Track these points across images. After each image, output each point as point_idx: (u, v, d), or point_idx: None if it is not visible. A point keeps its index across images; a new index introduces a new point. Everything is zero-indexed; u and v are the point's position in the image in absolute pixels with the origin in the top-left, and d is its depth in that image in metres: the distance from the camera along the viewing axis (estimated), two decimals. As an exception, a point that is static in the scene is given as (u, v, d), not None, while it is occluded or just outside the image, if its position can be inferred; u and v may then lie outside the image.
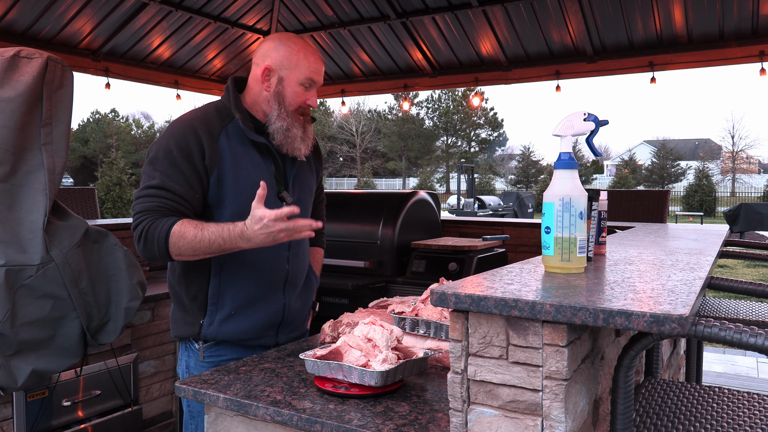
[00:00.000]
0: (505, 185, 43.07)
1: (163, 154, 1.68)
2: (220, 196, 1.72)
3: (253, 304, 1.79)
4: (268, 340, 1.84)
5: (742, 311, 2.35)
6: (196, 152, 1.68)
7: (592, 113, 1.30)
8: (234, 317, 1.77)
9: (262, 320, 1.81)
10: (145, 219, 1.64)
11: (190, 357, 1.82)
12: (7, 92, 1.95)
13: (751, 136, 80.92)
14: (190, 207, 1.69)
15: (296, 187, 1.87)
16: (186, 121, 1.73)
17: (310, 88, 1.79)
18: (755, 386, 4.46)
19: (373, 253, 3.50)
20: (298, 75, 1.76)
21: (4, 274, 1.91)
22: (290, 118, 1.77)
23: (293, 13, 5.17)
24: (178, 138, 1.68)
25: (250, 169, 1.75)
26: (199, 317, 1.77)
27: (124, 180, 21.01)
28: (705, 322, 1.03)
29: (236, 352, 1.80)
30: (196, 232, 1.61)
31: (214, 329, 1.76)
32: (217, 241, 1.61)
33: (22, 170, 2.00)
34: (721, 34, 4.20)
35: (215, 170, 1.70)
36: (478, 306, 1.04)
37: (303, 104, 1.79)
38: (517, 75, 4.99)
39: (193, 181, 1.68)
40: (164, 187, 1.65)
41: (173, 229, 1.61)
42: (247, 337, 1.80)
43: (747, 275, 10.31)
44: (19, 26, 4.11)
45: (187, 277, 1.78)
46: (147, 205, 1.65)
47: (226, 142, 1.73)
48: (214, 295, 1.76)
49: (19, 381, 1.97)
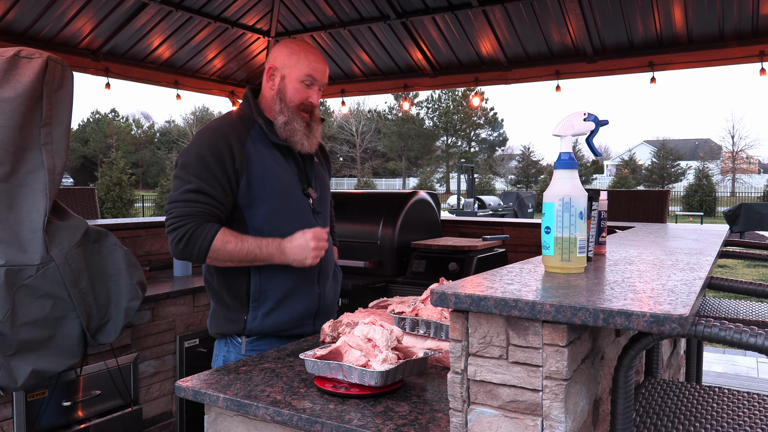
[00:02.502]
0: (505, 185, 43.08)
1: (196, 159, 1.77)
2: (251, 196, 1.82)
3: (292, 296, 1.89)
4: (307, 328, 1.94)
5: (742, 311, 2.35)
6: (228, 157, 1.78)
7: (592, 113, 1.30)
8: (276, 310, 1.87)
9: (301, 310, 1.91)
10: (188, 223, 1.73)
11: (230, 352, 1.90)
12: (7, 92, 1.95)
13: (751, 136, 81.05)
14: (224, 210, 1.79)
15: (317, 184, 2.00)
16: (215, 128, 1.83)
17: (311, 86, 1.88)
18: (755, 386, 4.46)
19: (373, 253, 3.50)
20: (297, 72, 1.86)
21: (4, 274, 1.91)
22: (291, 114, 1.86)
23: (293, 13, 5.17)
24: (210, 144, 1.79)
25: (276, 169, 1.86)
26: (242, 314, 1.86)
27: (124, 180, 21.01)
28: (705, 322, 1.03)
29: (277, 342, 1.90)
30: (236, 243, 1.75)
31: (258, 323, 1.86)
32: (254, 251, 1.76)
33: (22, 170, 2.00)
34: (721, 34, 4.20)
35: (245, 173, 1.80)
36: (478, 306, 1.04)
37: (305, 101, 1.88)
38: (517, 75, 4.99)
39: (226, 185, 1.78)
40: (202, 191, 1.75)
41: (216, 237, 1.73)
42: (288, 327, 1.90)
43: (747, 275, 10.31)
44: (19, 26, 4.11)
45: (227, 277, 1.87)
46: (188, 210, 1.74)
47: (252, 146, 1.84)
48: (256, 292, 1.85)
49: (19, 381, 1.97)
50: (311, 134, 1.90)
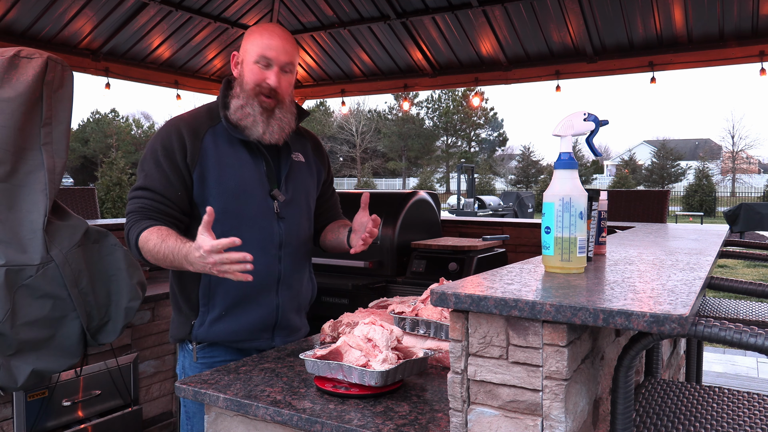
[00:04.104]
0: (505, 185, 43.06)
1: (150, 154, 1.73)
2: (204, 194, 1.73)
3: (243, 304, 1.76)
4: (263, 343, 1.81)
5: (742, 311, 2.35)
6: (178, 151, 1.71)
7: (592, 113, 1.30)
8: (224, 318, 1.75)
9: (254, 321, 1.78)
10: (128, 221, 1.69)
11: (185, 358, 1.82)
12: (7, 92, 1.95)
13: (751, 136, 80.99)
14: (173, 205, 1.71)
15: (290, 186, 1.84)
16: (172, 122, 1.77)
17: (268, 68, 1.74)
18: (755, 386, 4.46)
19: (373, 253, 3.50)
20: (252, 54, 1.75)
21: (4, 274, 1.91)
22: (246, 98, 1.74)
23: (293, 13, 5.17)
24: (163, 138, 1.73)
25: (235, 167, 1.75)
26: (191, 318, 1.77)
27: (124, 180, 21.01)
28: (705, 322, 1.03)
29: (230, 353, 1.79)
30: (156, 243, 1.59)
31: (205, 330, 1.75)
32: (169, 257, 1.58)
33: (22, 170, 1.99)
34: (721, 34, 4.20)
35: (197, 168, 1.71)
36: (478, 306, 1.04)
37: (261, 83, 1.74)
38: (517, 75, 4.99)
39: (175, 180, 1.70)
40: (146, 187, 1.69)
41: (141, 235, 1.63)
42: (239, 339, 1.78)
43: (747, 275, 10.31)
44: (19, 26, 4.11)
45: (182, 278, 1.79)
46: (131, 207, 1.70)
47: (211, 141, 1.74)
48: (204, 296, 1.75)
49: (19, 381, 1.97)
50: (270, 121, 1.75)
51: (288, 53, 1.76)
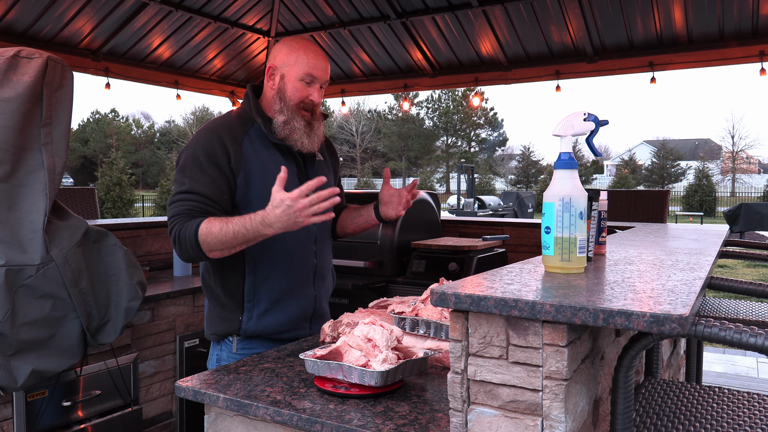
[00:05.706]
0: (505, 185, 43.07)
1: (191, 161, 1.77)
2: (248, 196, 1.81)
3: (287, 298, 1.87)
4: (303, 331, 1.94)
5: (742, 311, 2.35)
6: (222, 156, 1.77)
7: (592, 113, 1.30)
8: (270, 312, 1.86)
9: (296, 313, 1.90)
10: (176, 223, 1.72)
11: (222, 350, 1.89)
12: (7, 92, 1.95)
13: (751, 136, 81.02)
14: (219, 207, 1.77)
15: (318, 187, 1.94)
16: (210, 128, 1.83)
17: (311, 84, 1.85)
18: (755, 386, 4.46)
19: (373, 253, 3.50)
20: (297, 71, 1.83)
21: (4, 274, 1.91)
22: (291, 113, 1.84)
23: (293, 13, 5.17)
24: (204, 144, 1.78)
25: (274, 169, 1.81)
26: (237, 314, 1.85)
27: (124, 180, 21.02)
28: (705, 322, 1.03)
29: (266, 344, 1.88)
30: (221, 226, 1.67)
31: (253, 324, 1.84)
32: (241, 231, 1.65)
33: (22, 170, 2.00)
34: (721, 34, 4.20)
35: (241, 172, 1.79)
36: (478, 306, 1.04)
37: (305, 99, 1.85)
38: (517, 75, 4.99)
39: (220, 184, 1.77)
40: (193, 191, 1.74)
41: (200, 227, 1.68)
42: (283, 330, 1.89)
43: (747, 275, 10.31)
44: (19, 26, 4.11)
45: (223, 275, 1.86)
46: (177, 210, 1.73)
47: (249, 145, 1.83)
48: (250, 292, 1.84)
49: (19, 381, 1.97)
50: (312, 133, 1.87)
51: (327, 72, 1.88)
